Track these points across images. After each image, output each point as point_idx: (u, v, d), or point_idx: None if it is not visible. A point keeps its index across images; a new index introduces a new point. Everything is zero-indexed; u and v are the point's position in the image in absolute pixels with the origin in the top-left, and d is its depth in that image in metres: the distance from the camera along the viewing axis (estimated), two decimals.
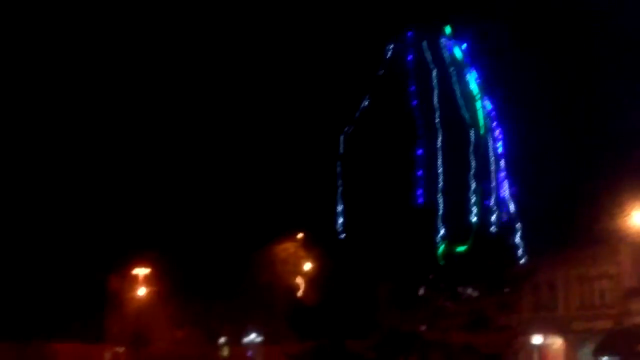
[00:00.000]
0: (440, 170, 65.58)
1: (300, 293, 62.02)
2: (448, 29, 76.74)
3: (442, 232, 61.81)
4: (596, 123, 72.00)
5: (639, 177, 55.48)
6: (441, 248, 60.22)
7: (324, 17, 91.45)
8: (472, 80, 74.19)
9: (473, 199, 64.38)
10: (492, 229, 63.87)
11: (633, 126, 66.82)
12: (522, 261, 62.93)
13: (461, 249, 60.82)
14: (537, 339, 60.96)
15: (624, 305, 55.35)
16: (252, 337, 79.94)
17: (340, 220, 65.29)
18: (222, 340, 79.48)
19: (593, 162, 67.95)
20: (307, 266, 63.83)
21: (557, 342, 60.54)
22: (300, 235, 67.78)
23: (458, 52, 76.26)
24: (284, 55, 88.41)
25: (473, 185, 65.34)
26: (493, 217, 65.10)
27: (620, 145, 67.23)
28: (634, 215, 49.82)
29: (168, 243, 73.21)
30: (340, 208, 66.44)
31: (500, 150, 71.56)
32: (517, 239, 63.84)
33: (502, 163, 70.76)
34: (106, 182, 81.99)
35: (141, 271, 71.70)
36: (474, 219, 63.56)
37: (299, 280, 63.20)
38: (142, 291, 72.42)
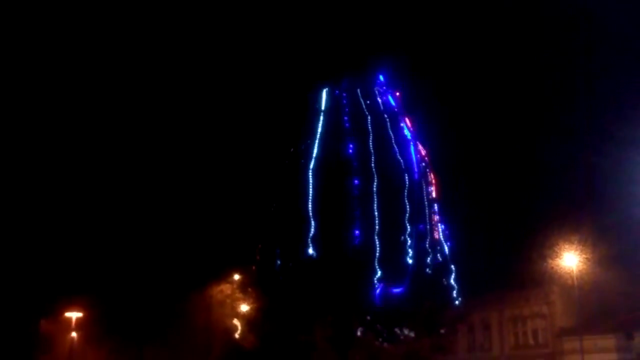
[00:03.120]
0: (376, 213, 66.34)
1: (237, 335, 61.74)
2: (381, 78, 78.31)
3: (379, 273, 62.44)
4: (527, 167, 74.18)
5: (568, 221, 57.20)
6: (378, 289, 60.89)
7: (265, 60, 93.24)
8: (406, 127, 75.63)
9: (409, 242, 65.27)
10: (428, 270, 64.74)
11: (564, 171, 69.19)
12: (456, 302, 63.93)
13: (397, 290, 61.63)
14: None
15: (557, 344, 56.73)
16: None
17: (278, 262, 65.38)
18: None
19: (525, 206, 69.88)
20: (244, 308, 63.58)
21: None
22: (237, 277, 67.65)
23: (391, 100, 77.80)
24: (228, 98, 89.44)
25: (408, 228, 66.27)
26: (428, 259, 66.06)
27: (550, 190, 69.44)
28: (565, 257, 51.22)
29: (101, 286, 72.09)
30: (277, 250, 66.60)
31: (433, 194, 72.88)
32: (452, 281, 64.86)
33: (436, 207, 72.06)
34: (38, 224, 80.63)
35: (74, 314, 70.27)
36: (409, 260, 64.39)
37: (236, 322, 62.94)
38: (74, 335, 70.98)
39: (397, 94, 78.60)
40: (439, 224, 70.85)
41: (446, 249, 68.68)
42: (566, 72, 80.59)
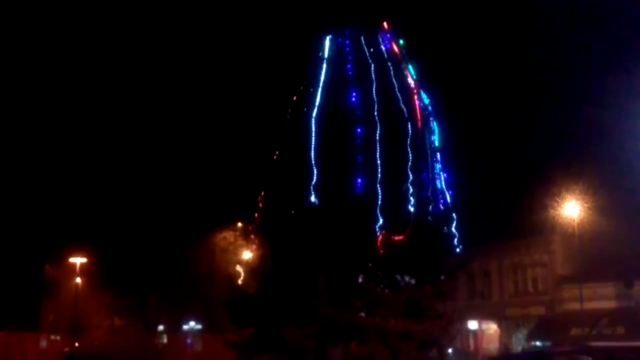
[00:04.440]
0: (378, 161, 66.19)
1: (240, 281, 62.30)
2: (385, 25, 77.49)
3: (380, 221, 62.60)
4: (530, 117, 74.14)
5: (570, 170, 57.39)
6: (380, 237, 61.06)
7: (267, 6, 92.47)
8: (410, 75, 75.13)
9: (411, 190, 65.23)
10: (429, 219, 64.81)
11: (565, 121, 69.11)
12: (457, 250, 64.27)
13: (399, 238, 61.81)
14: (472, 325, 62.85)
15: (556, 292, 57.45)
16: (192, 324, 79.94)
17: (281, 209, 65.53)
18: (160, 328, 79.24)
19: (526, 155, 69.97)
20: (247, 255, 64.15)
21: (491, 328, 62.49)
22: (239, 224, 67.99)
23: (395, 47, 77.10)
24: (231, 46, 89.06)
25: (411, 177, 66.17)
26: (430, 208, 66.10)
27: (552, 139, 69.49)
28: (566, 206, 51.55)
29: (105, 232, 72.68)
30: (280, 198, 66.70)
31: (436, 143, 72.63)
32: (453, 229, 65.01)
33: (438, 155, 71.91)
34: (42, 172, 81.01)
35: (78, 260, 71.03)
36: (411, 209, 64.47)
37: (239, 269, 63.50)
38: (78, 280, 71.82)
39: (401, 41, 77.82)
40: (441, 173, 70.76)
41: (448, 197, 68.74)
42: (568, 28, 80.00)
